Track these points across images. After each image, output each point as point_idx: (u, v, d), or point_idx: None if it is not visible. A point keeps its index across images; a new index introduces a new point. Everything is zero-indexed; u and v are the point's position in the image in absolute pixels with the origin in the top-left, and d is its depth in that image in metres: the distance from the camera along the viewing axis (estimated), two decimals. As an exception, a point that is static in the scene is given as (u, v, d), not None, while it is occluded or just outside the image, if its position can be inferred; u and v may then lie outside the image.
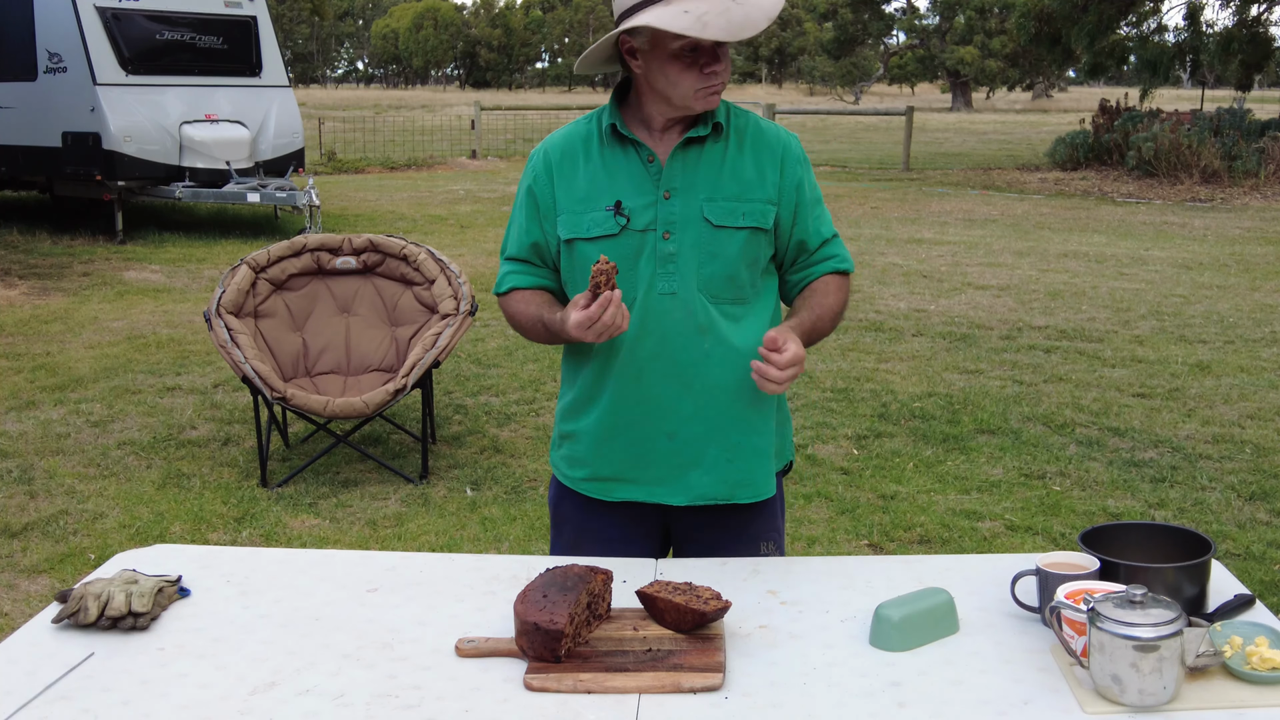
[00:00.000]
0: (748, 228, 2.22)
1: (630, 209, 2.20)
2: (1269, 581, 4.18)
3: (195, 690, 1.74)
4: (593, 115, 2.30)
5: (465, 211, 15.24)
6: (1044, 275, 10.37)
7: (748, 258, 2.24)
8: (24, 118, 12.95)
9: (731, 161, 2.23)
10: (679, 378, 2.23)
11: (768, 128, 2.30)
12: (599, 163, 2.24)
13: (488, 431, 5.98)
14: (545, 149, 2.31)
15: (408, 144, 25.03)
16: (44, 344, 7.83)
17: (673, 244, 2.20)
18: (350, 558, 2.28)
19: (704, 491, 2.29)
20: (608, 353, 2.24)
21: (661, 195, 2.20)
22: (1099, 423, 6.04)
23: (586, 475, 2.35)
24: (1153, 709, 1.64)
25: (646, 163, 2.22)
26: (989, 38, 51.35)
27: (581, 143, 2.27)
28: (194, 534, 4.67)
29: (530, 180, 2.31)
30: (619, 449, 2.29)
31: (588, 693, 1.72)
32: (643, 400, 2.25)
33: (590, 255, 2.20)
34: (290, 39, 78.55)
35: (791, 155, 2.28)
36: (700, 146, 2.22)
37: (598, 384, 2.28)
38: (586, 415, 2.31)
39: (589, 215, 2.22)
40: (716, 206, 2.20)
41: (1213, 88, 33.71)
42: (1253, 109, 20.96)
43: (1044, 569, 1.93)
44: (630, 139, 2.22)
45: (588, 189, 2.23)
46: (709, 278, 2.21)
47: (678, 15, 2.06)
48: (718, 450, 2.27)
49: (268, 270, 5.49)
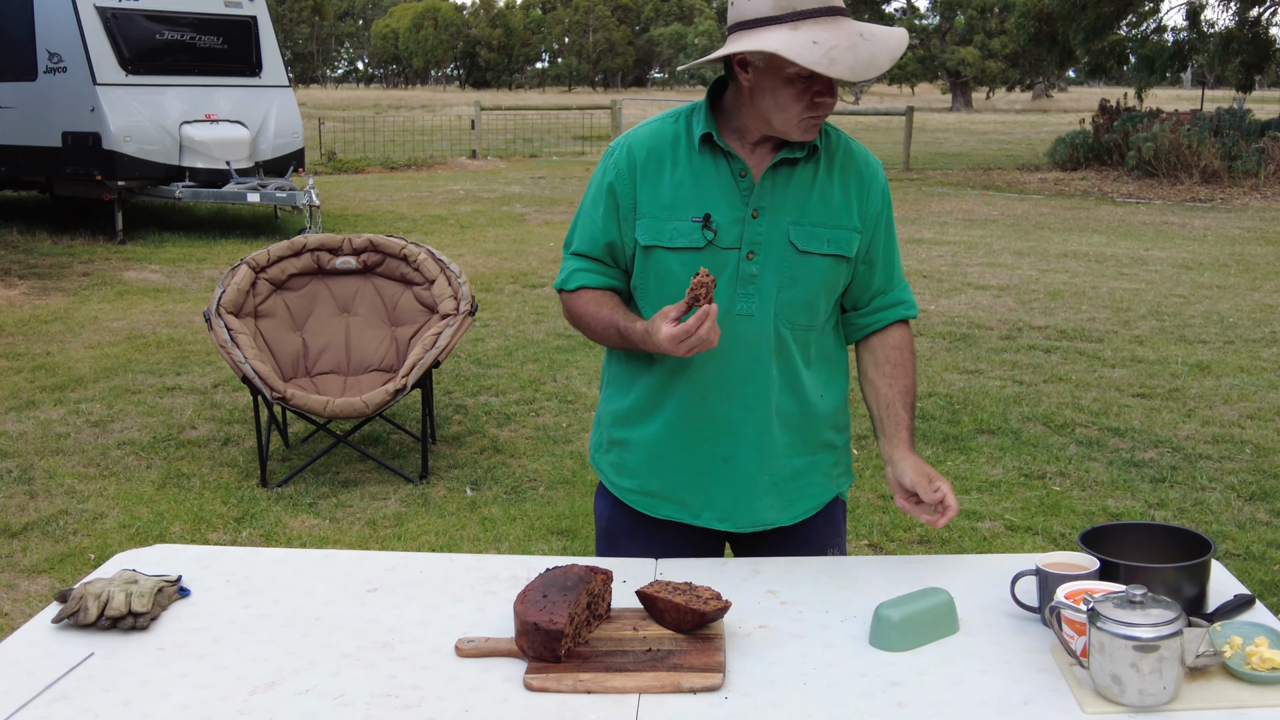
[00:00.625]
0: (831, 255, 2.16)
1: (717, 224, 2.12)
2: (1269, 581, 4.18)
3: (195, 690, 1.74)
4: (680, 115, 2.20)
5: (465, 211, 15.24)
6: (1044, 275, 10.37)
7: (828, 285, 2.18)
8: (24, 118, 12.95)
9: (821, 184, 2.16)
10: (744, 401, 2.18)
11: (857, 150, 2.23)
12: (687, 169, 2.15)
13: (488, 431, 5.98)
14: (629, 145, 2.19)
15: (408, 144, 25.03)
16: (44, 344, 7.83)
17: (755, 265, 2.13)
18: (350, 558, 2.28)
19: (753, 519, 2.25)
20: (674, 366, 2.17)
21: (749, 214, 2.12)
22: (1099, 423, 6.04)
23: (636, 488, 2.29)
24: (1153, 709, 1.64)
25: (738, 177, 2.13)
26: (989, 38, 51.33)
27: (669, 145, 2.17)
28: (194, 534, 4.67)
29: (611, 177, 2.20)
30: (672, 467, 2.24)
31: (588, 693, 1.72)
32: (704, 421, 2.19)
33: (670, 265, 2.14)
34: (290, 39, 78.56)
35: (879, 184, 2.22)
36: (792, 168, 2.14)
37: (659, 396, 2.22)
38: (643, 426, 2.25)
39: (673, 224, 2.13)
40: (802, 231, 2.14)
41: (1213, 88, 33.71)
42: (1253, 109, 20.97)
43: (1044, 569, 1.93)
44: (724, 150, 2.13)
45: (673, 196, 2.14)
46: (787, 303, 2.15)
47: (807, 46, 1.97)
48: (770, 477, 2.23)
49: (268, 270, 5.49)
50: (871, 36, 2.00)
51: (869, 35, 2.00)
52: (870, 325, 2.28)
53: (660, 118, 2.23)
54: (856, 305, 2.28)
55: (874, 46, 1.99)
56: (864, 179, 2.20)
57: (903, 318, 2.29)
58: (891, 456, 2.22)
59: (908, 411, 2.24)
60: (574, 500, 5.03)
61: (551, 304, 9.14)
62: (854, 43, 1.98)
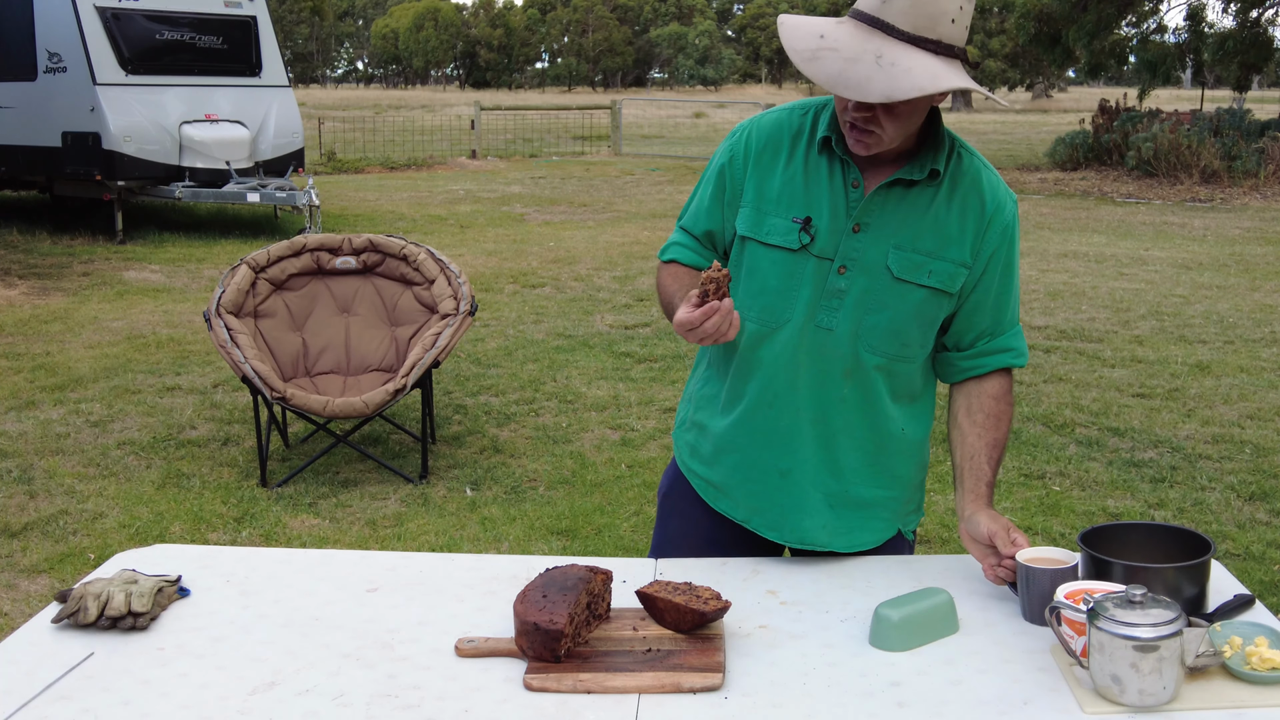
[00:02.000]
0: (930, 287, 2.04)
1: (816, 229, 2.03)
2: (1269, 582, 4.18)
3: (195, 690, 1.74)
4: (810, 108, 2.10)
5: (465, 211, 15.24)
6: (1044, 275, 10.37)
7: (923, 317, 2.07)
8: (24, 118, 12.95)
9: (938, 211, 2.03)
10: (810, 417, 2.11)
11: (987, 182, 2.06)
12: (801, 167, 2.06)
13: (487, 431, 5.98)
14: (750, 130, 2.12)
15: (408, 144, 25.03)
16: (44, 344, 7.83)
17: (845, 280, 2.04)
18: (350, 558, 2.28)
19: (803, 537, 2.19)
20: (752, 365, 2.13)
21: (851, 227, 2.03)
22: (1099, 423, 6.04)
23: (703, 474, 2.27)
24: (1152, 709, 1.64)
25: (850, 186, 2.03)
26: (989, 38, 51.37)
27: (790, 137, 2.08)
28: (194, 534, 4.67)
29: (725, 159, 2.14)
30: (733, 465, 2.20)
31: (588, 693, 1.72)
32: (768, 429, 2.14)
33: (760, 260, 2.08)
34: (290, 39, 78.54)
35: (1000, 220, 2.06)
36: (908, 187, 2.02)
37: (737, 392, 2.16)
38: (720, 417, 2.21)
39: (773, 219, 2.06)
40: (904, 257, 2.02)
41: (1213, 88, 33.70)
42: (1252, 109, 20.98)
43: (1026, 564, 1.93)
44: (842, 155, 2.03)
45: (780, 191, 2.06)
46: (870, 327, 2.05)
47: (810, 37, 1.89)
48: (827, 499, 2.16)
49: (267, 270, 5.49)
50: (890, 65, 1.82)
51: (889, 64, 1.82)
52: (971, 370, 2.16)
53: (789, 107, 2.13)
54: (959, 345, 2.16)
55: (877, 74, 1.82)
56: (986, 212, 2.05)
57: (1007, 365, 2.16)
58: (966, 511, 2.09)
59: (991, 467, 2.11)
60: (574, 500, 5.03)
61: (551, 304, 9.14)
62: (858, 57, 1.83)
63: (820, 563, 2.22)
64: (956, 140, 2.06)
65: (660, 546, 2.36)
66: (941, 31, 1.86)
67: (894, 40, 1.84)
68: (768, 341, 2.10)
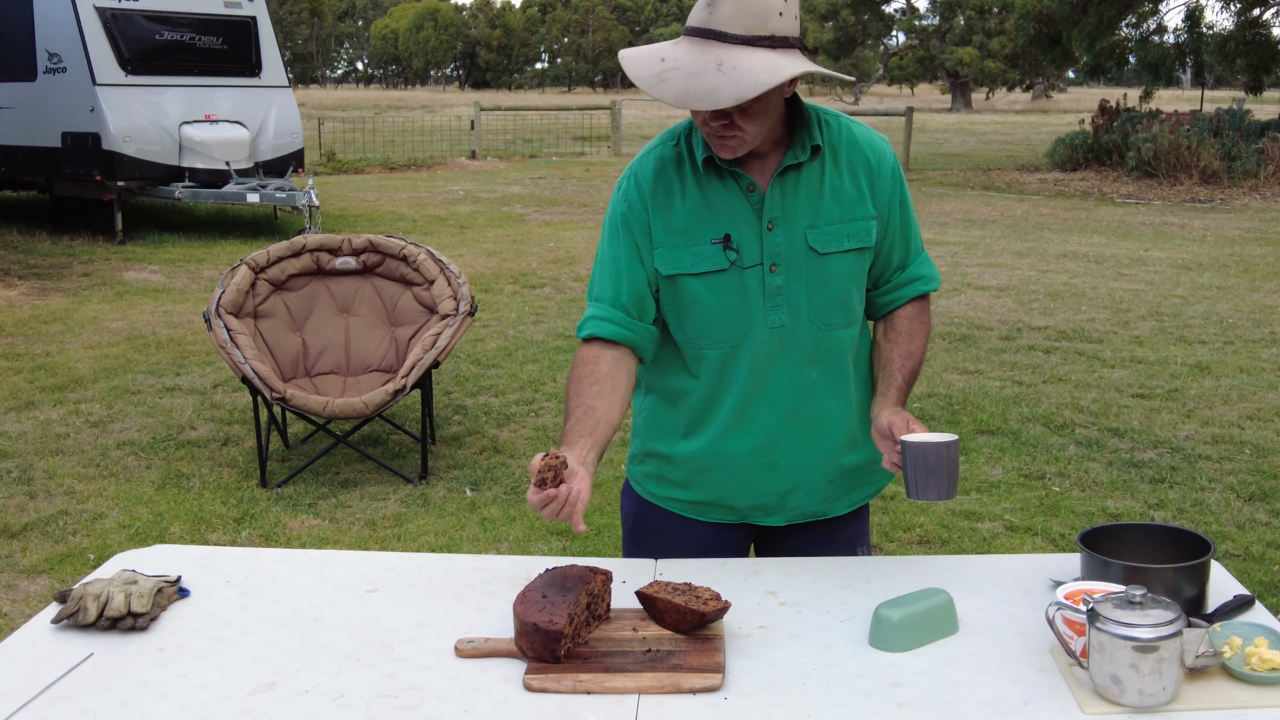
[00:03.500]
0: (853, 249, 2.13)
1: (738, 242, 2.08)
2: (1268, 582, 4.18)
3: (195, 690, 1.74)
4: (677, 135, 2.16)
5: (465, 212, 15.24)
6: (1043, 276, 10.37)
7: (857, 278, 2.16)
8: (24, 118, 12.95)
9: (831, 181, 2.11)
10: (784, 409, 2.17)
11: (862, 136, 2.16)
12: (696, 192, 2.10)
13: (487, 432, 5.98)
14: (635, 175, 2.15)
15: (407, 144, 25.03)
16: (44, 344, 7.83)
17: (780, 277, 2.10)
18: (350, 558, 2.28)
19: (803, 510, 2.26)
20: (715, 384, 2.17)
21: (765, 227, 2.09)
22: (1098, 423, 6.04)
23: (680, 497, 2.29)
24: (1152, 710, 1.64)
25: (747, 192, 2.09)
26: (988, 38, 51.36)
27: (674, 168, 2.12)
28: (193, 534, 4.67)
29: (624, 208, 2.15)
30: (718, 479, 2.23)
31: (587, 693, 1.72)
32: (747, 434, 2.18)
33: (698, 291, 2.10)
34: (290, 39, 78.54)
35: (887, 165, 2.16)
36: (798, 171, 2.09)
37: (702, 414, 2.20)
38: (684, 443, 2.23)
39: (692, 249, 2.09)
40: (820, 233, 2.10)
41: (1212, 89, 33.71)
42: (1252, 110, 20.98)
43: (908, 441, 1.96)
44: (728, 168, 2.08)
45: (687, 221, 2.10)
46: (819, 306, 2.13)
47: (651, 61, 1.95)
48: (819, 474, 2.23)
49: (267, 270, 5.49)
50: (731, 69, 1.88)
51: (730, 68, 1.88)
52: (892, 304, 2.24)
53: (660, 141, 2.18)
54: (877, 284, 2.24)
55: (721, 80, 1.87)
56: (871, 164, 2.14)
57: (922, 293, 2.25)
58: (874, 411, 2.16)
59: (903, 374, 2.18)
60: (574, 501, 5.02)
61: (550, 304, 9.15)
62: (700, 69, 1.89)
63: (820, 563, 2.22)
64: (819, 111, 2.14)
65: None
66: (773, 27, 1.92)
67: (730, 46, 1.91)
68: (731, 360, 2.15)
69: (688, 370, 2.20)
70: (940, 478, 1.95)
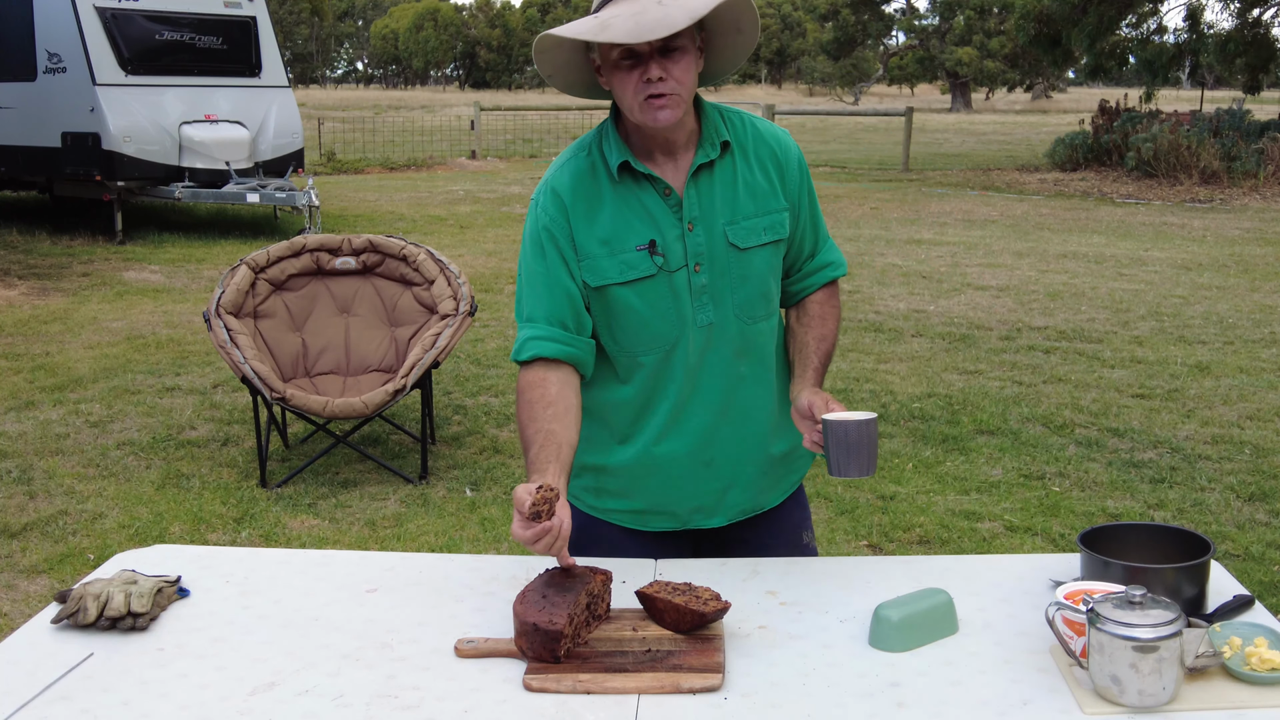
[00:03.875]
0: (770, 242, 2.16)
1: (663, 246, 2.10)
2: (1268, 582, 4.18)
3: (195, 690, 1.74)
4: (589, 146, 2.16)
5: (465, 212, 15.24)
6: (1043, 276, 10.37)
7: (775, 270, 2.20)
8: (24, 118, 12.95)
9: (743, 176, 2.15)
10: (716, 406, 2.19)
11: (766, 130, 2.21)
12: (614, 200, 2.11)
13: (487, 432, 5.98)
14: (552, 188, 2.14)
15: (407, 144, 25.03)
16: (43, 344, 7.83)
17: (704, 275, 2.12)
18: (349, 558, 2.28)
19: (741, 507, 2.28)
20: (651, 390, 2.18)
21: (686, 228, 2.11)
22: (1098, 423, 6.04)
23: (620, 507, 2.29)
24: (1152, 710, 1.64)
25: (664, 196, 2.11)
26: (988, 38, 51.36)
27: (590, 180, 2.12)
28: (193, 534, 4.67)
29: (545, 222, 2.13)
30: (656, 484, 2.23)
31: (587, 693, 1.72)
32: (683, 435, 2.19)
33: (628, 299, 2.10)
34: (290, 39, 78.53)
35: (792, 156, 2.21)
36: (711, 169, 2.12)
37: (635, 421, 2.21)
38: (618, 452, 2.23)
39: (618, 258, 2.10)
40: (738, 228, 2.13)
41: (1212, 88, 33.71)
42: (1252, 110, 20.98)
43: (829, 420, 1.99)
44: (643, 173, 2.10)
45: (610, 230, 2.10)
46: (743, 301, 2.16)
47: (584, 22, 1.97)
48: (752, 467, 2.25)
49: (267, 270, 5.49)
50: (673, 1, 1.93)
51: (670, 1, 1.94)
52: (804, 291, 2.28)
53: (572, 152, 2.18)
54: (790, 272, 2.28)
55: (668, 9, 1.92)
56: (779, 157, 2.19)
57: (831, 279, 2.29)
58: (793, 393, 2.18)
59: (818, 356, 2.21)
60: (573, 501, 5.02)
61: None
62: (642, 8, 1.93)
63: (820, 563, 2.22)
64: (723, 109, 2.20)
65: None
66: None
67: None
68: (666, 362, 2.16)
69: (618, 378, 2.19)
70: (860, 455, 1.99)
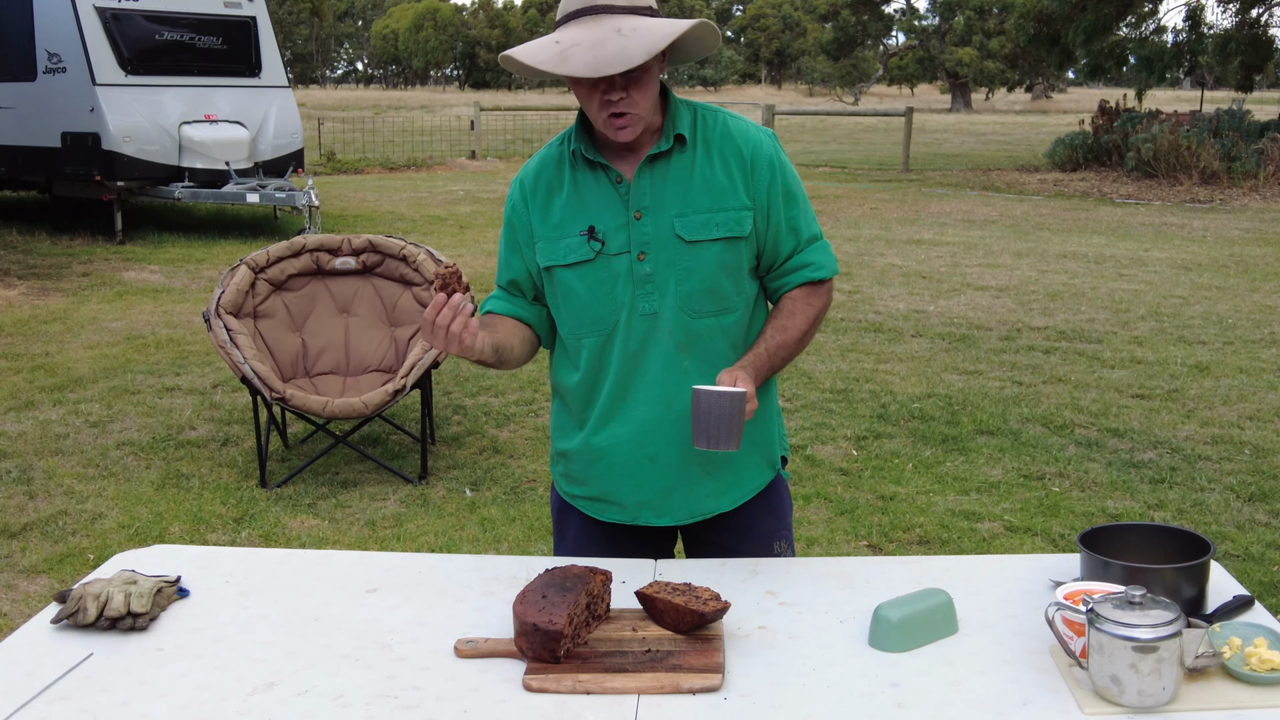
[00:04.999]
0: (722, 239, 2.17)
1: (604, 232, 2.16)
2: (1268, 582, 4.18)
3: (194, 690, 1.74)
4: (564, 137, 2.25)
5: (464, 212, 15.24)
6: (1043, 276, 10.37)
7: (728, 267, 2.19)
8: (23, 118, 12.95)
9: (702, 171, 2.17)
10: (660, 399, 2.20)
11: (737, 129, 2.22)
12: (571, 187, 2.20)
13: (487, 432, 5.98)
14: (521, 177, 2.28)
15: (407, 144, 25.03)
16: (43, 344, 7.83)
17: (648, 265, 2.16)
18: (349, 558, 2.28)
19: (690, 510, 2.28)
20: (593, 375, 2.23)
21: (632, 216, 2.16)
22: (1098, 424, 6.04)
23: (582, 494, 2.34)
24: (1152, 710, 1.64)
25: (615, 184, 2.17)
26: (988, 38, 51.38)
27: (554, 167, 2.23)
28: (193, 534, 4.67)
29: (508, 210, 2.29)
30: (604, 471, 2.27)
31: (587, 693, 1.72)
32: (626, 423, 2.23)
33: (570, 282, 2.19)
34: (290, 39, 78.52)
35: (762, 156, 2.20)
36: (667, 161, 2.16)
37: (585, 406, 2.27)
38: (575, 435, 2.30)
39: (564, 241, 2.19)
40: (688, 221, 2.15)
41: (1212, 88, 33.71)
42: (1252, 110, 20.98)
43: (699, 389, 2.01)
44: (599, 162, 2.17)
45: (562, 215, 2.20)
46: (688, 294, 2.17)
47: (546, 47, 2.02)
48: (698, 469, 2.24)
49: (267, 271, 5.49)
50: (631, 30, 1.99)
51: (629, 30, 1.99)
52: (781, 289, 2.29)
53: (550, 144, 2.29)
54: (769, 272, 2.29)
55: (626, 41, 1.98)
56: (745, 156, 2.19)
57: (808, 280, 2.27)
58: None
59: (767, 344, 2.21)
60: (573, 501, 5.02)
61: (551, 304, 9.13)
62: (602, 39, 1.98)
63: (819, 563, 2.22)
64: (698, 107, 2.23)
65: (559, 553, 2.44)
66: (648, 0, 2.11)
67: (621, 15, 2.04)
68: (606, 347, 2.21)
69: (570, 363, 2.27)
70: (713, 426, 1.99)
